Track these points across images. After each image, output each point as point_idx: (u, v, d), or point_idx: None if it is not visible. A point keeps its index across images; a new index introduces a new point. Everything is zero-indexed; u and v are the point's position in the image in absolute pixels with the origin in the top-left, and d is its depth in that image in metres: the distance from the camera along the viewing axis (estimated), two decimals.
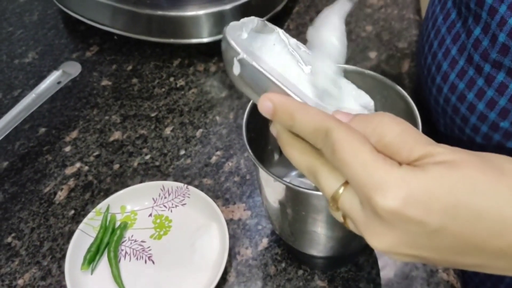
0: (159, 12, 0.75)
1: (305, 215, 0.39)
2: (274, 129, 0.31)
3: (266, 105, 0.29)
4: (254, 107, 0.43)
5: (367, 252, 0.51)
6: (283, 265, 0.51)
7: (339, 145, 0.26)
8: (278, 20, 0.81)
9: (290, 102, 0.29)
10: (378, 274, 0.49)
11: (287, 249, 0.52)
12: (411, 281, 0.48)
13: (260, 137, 0.44)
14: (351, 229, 0.29)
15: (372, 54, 0.74)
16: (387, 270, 0.49)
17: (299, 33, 0.79)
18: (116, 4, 0.76)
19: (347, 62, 0.36)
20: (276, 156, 0.50)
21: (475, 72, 0.46)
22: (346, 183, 0.27)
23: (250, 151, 0.39)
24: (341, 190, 0.27)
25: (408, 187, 0.24)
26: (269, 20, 0.76)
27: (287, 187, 0.37)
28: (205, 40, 0.74)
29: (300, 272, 0.50)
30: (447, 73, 0.50)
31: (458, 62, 0.48)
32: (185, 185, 0.55)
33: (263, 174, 0.39)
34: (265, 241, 0.53)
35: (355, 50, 0.75)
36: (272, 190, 0.40)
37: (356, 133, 0.27)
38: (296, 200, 0.38)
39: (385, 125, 0.27)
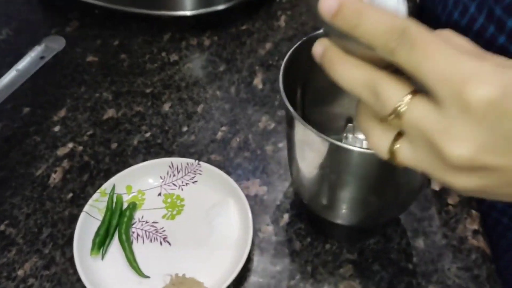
0: None
1: (349, 179, 0.37)
2: (320, 46, 0.27)
3: (329, 3, 0.25)
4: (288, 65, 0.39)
5: (394, 223, 0.49)
6: (309, 239, 0.48)
7: (421, 38, 0.23)
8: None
9: (360, 1, 0.25)
10: (408, 244, 0.48)
11: (310, 223, 0.49)
12: (442, 249, 0.47)
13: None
14: (402, 160, 0.26)
15: None
16: (416, 240, 0.48)
17: (293, 6, 0.76)
18: None
19: None
20: None
21: (495, 30, 0.45)
22: (414, 92, 0.24)
23: (290, 106, 0.36)
24: (407, 98, 0.24)
25: (506, 76, 0.22)
26: None
27: (338, 147, 0.34)
28: (197, 12, 0.71)
29: (328, 246, 0.48)
30: (465, 33, 0.48)
31: (477, 20, 0.47)
32: (196, 161, 0.51)
33: (304, 135, 0.36)
34: (286, 217, 0.50)
35: None
36: (314, 152, 0.37)
37: (437, 33, 0.24)
38: (343, 162, 0.36)
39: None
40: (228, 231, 0.48)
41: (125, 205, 0.50)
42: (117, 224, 0.48)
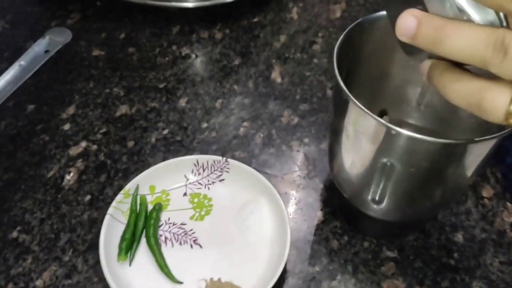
0: None
1: (402, 170, 0.35)
2: (425, 65, 0.26)
3: (405, 22, 0.24)
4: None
5: (431, 218, 0.47)
6: (346, 238, 0.46)
7: None
8: None
9: (440, 17, 0.24)
10: (447, 239, 0.46)
11: (346, 221, 0.47)
12: (482, 244, 0.46)
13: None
14: None
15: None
16: (455, 235, 0.46)
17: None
18: None
19: None
20: None
21: None
22: None
23: (348, 93, 0.33)
24: None
25: None
26: None
27: (410, 137, 0.32)
28: (206, 3, 0.68)
29: (366, 244, 0.46)
30: None
31: None
32: (224, 158, 0.49)
33: (361, 121, 0.34)
34: (319, 214, 0.48)
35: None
36: (369, 140, 0.35)
37: None
38: (400, 151, 0.33)
39: None
40: (262, 231, 0.45)
41: (149, 207, 0.47)
42: (144, 227, 0.45)
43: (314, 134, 0.55)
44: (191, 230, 0.46)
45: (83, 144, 0.54)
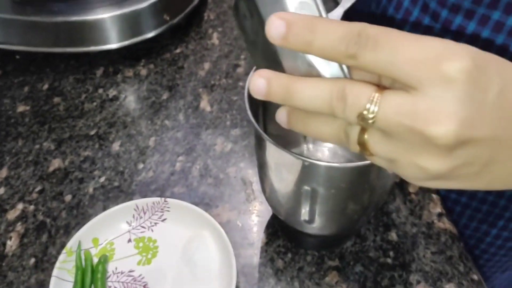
0: (61, 19, 0.66)
1: (326, 193, 0.38)
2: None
3: (276, 25, 0.24)
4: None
5: (364, 223, 0.51)
6: (289, 255, 0.48)
7: (380, 34, 0.23)
8: (197, 13, 0.77)
9: (306, 16, 0.24)
10: (382, 239, 0.49)
11: (288, 239, 0.49)
12: (414, 238, 0.49)
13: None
14: (374, 151, 0.25)
15: None
16: (389, 234, 0.50)
17: (223, 22, 0.76)
18: (9, 16, 0.66)
19: None
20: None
21: (431, 20, 0.48)
22: (379, 89, 0.24)
23: (260, 130, 0.36)
24: (376, 96, 0.23)
25: (468, 48, 0.22)
26: (189, 14, 0.73)
27: (312, 164, 0.34)
28: (127, 42, 0.68)
29: (309, 257, 0.48)
30: (400, 26, 0.51)
31: (412, 13, 0.50)
32: (163, 199, 0.50)
33: (276, 154, 0.36)
34: (263, 237, 0.50)
35: None
36: (288, 170, 0.37)
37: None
38: (318, 178, 0.36)
39: None
40: (210, 265, 0.47)
41: (95, 260, 0.47)
42: (91, 282, 0.46)
43: (248, 157, 0.57)
44: (140, 275, 0.47)
45: (20, 206, 0.53)
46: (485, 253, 0.59)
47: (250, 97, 0.38)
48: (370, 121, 0.23)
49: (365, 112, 0.23)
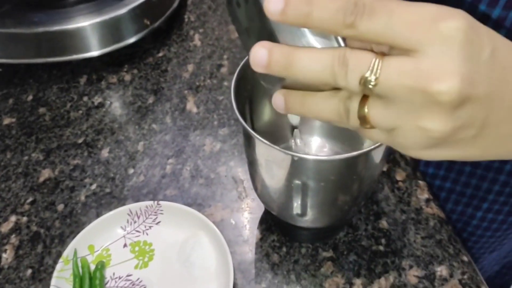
0: (41, 29, 0.66)
1: (316, 186, 0.38)
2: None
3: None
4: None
5: (356, 213, 0.52)
6: (284, 249, 0.49)
7: (377, 1, 0.23)
8: (178, 16, 0.78)
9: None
10: (374, 228, 0.51)
11: (282, 233, 0.50)
12: (404, 224, 0.51)
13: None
14: (377, 122, 0.26)
15: None
16: (380, 222, 0.51)
17: (203, 23, 0.77)
18: None
19: None
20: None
21: None
22: (379, 55, 0.24)
23: (248, 127, 0.36)
24: (376, 61, 0.24)
25: (459, 9, 0.23)
26: (169, 17, 0.73)
27: (301, 159, 0.35)
28: (109, 49, 0.68)
29: (303, 250, 0.49)
30: None
31: None
32: (155, 202, 0.50)
33: (265, 151, 0.37)
34: (257, 233, 0.51)
35: None
36: (278, 166, 0.38)
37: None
38: (308, 172, 0.37)
39: None
40: (206, 264, 0.47)
41: (92, 267, 0.48)
42: None
43: (237, 156, 0.58)
44: (138, 279, 0.47)
45: (13, 218, 0.53)
46: (472, 236, 0.60)
47: (237, 96, 0.39)
48: (373, 83, 0.24)
49: (367, 75, 0.24)
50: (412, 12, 0.23)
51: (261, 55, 0.26)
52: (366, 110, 0.25)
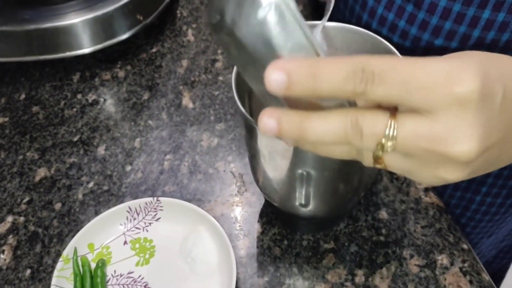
0: (33, 26, 0.65)
1: (319, 175, 0.38)
2: (271, 119, 0.25)
3: (275, 75, 0.23)
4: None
5: (356, 204, 0.52)
6: (286, 242, 0.49)
7: (385, 66, 0.23)
8: (170, 11, 0.77)
9: (304, 61, 0.24)
10: (374, 218, 0.51)
11: (283, 226, 0.50)
12: (403, 214, 0.51)
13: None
14: (391, 167, 0.26)
15: None
16: (380, 212, 0.51)
17: (196, 18, 0.76)
18: None
19: None
20: None
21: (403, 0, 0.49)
22: (393, 115, 0.24)
23: (250, 118, 0.36)
24: (392, 122, 0.24)
25: (473, 64, 0.23)
26: (162, 12, 0.72)
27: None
28: (101, 46, 0.68)
29: (305, 242, 0.49)
30: (374, 8, 0.52)
31: (387, 18, 0.51)
32: (155, 198, 0.50)
33: (268, 142, 0.37)
34: (257, 226, 0.51)
35: None
36: (281, 157, 0.38)
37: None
38: (311, 162, 0.37)
39: None
40: (208, 259, 0.47)
41: (92, 265, 0.47)
42: (92, 287, 0.45)
43: (235, 150, 0.58)
44: (140, 276, 0.47)
45: (10, 218, 0.52)
46: (471, 220, 0.61)
47: (238, 89, 0.39)
48: (390, 149, 0.24)
49: (383, 141, 0.24)
50: (424, 76, 0.22)
51: (270, 126, 0.25)
52: (381, 153, 0.25)
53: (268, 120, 0.25)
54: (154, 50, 0.71)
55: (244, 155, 0.57)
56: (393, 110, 0.24)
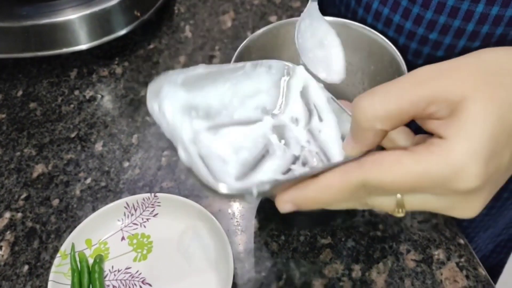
0: (29, 23, 0.65)
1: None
2: (287, 204, 0.28)
3: (286, 207, 0.27)
4: None
5: None
6: (283, 237, 0.49)
7: (384, 176, 0.24)
8: (168, 8, 0.77)
9: (304, 192, 0.26)
10: (370, 214, 0.51)
11: (280, 222, 0.50)
12: None
13: None
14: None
15: (273, 18, 0.75)
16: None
17: (193, 15, 0.76)
18: None
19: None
20: None
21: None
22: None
23: None
24: (400, 200, 0.25)
25: (477, 152, 0.23)
26: (159, 8, 0.72)
27: None
28: (98, 42, 0.67)
29: (302, 238, 0.49)
30: (369, 3, 0.52)
31: (382, 13, 0.51)
32: (152, 194, 0.50)
33: None
34: (255, 222, 0.51)
35: (255, 19, 0.75)
36: None
37: (385, 159, 0.25)
38: None
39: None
40: (206, 254, 0.47)
41: (90, 261, 0.47)
42: (89, 283, 0.46)
43: None
44: (137, 271, 0.47)
45: (7, 215, 0.53)
46: None
47: None
48: (401, 214, 0.26)
49: (394, 212, 0.26)
50: (424, 180, 0.23)
51: (288, 209, 0.27)
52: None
53: (285, 205, 0.27)
54: (151, 46, 0.71)
55: None
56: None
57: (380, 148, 0.27)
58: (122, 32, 0.68)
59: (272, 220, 0.51)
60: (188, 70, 0.32)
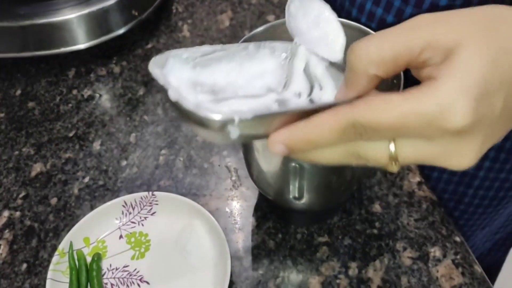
0: (28, 22, 0.65)
1: (312, 168, 0.39)
2: (279, 143, 0.27)
3: (278, 148, 0.27)
4: None
5: (350, 197, 0.52)
6: (280, 235, 0.50)
7: (374, 116, 0.24)
8: (166, 7, 0.77)
9: (294, 132, 0.26)
10: (367, 212, 0.51)
11: (277, 220, 0.51)
12: (397, 208, 0.51)
13: None
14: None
15: (271, 18, 0.75)
16: (373, 206, 0.52)
17: (191, 14, 0.76)
18: None
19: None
20: None
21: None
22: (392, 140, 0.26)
23: None
24: (392, 148, 0.25)
25: (465, 90, 0.23)
26: (157, 8, 0.72)
27: None
28: (97, 41, 0.68)
29: (299, 235, 0.50)
30: (362, 3, 0.52)
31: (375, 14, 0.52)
32: (150, 193, 0.50)
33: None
34: (252, 220, 0.51)
35: (253, 18, 0.75)
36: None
37: (375, 99, 0.25)
38: None
39: None
40: (203, 252, 0.48)
41: (88, 259, 0.48)
42: (87, 281, 0.46)
43: (230, 145, 0.58)
44: (135, 270, 0.47)
45: (6, 213, 0.53)
46: (464, 213, 0.62)
47: None
48: (395, 167, 0.26)
49: (387, 164, 0.26)
50: (414, 119, 0.23)
51: (280, 151, 0.27)
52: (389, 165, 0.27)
53: (276, 146, 0.27)
54: (149, 45, 0.71)
55: (238, 149, 0.57)
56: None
57: None
58: (120, 31, 0.68)
59: (269, 218, 0.51)
60: (192, 49, 0.31)
